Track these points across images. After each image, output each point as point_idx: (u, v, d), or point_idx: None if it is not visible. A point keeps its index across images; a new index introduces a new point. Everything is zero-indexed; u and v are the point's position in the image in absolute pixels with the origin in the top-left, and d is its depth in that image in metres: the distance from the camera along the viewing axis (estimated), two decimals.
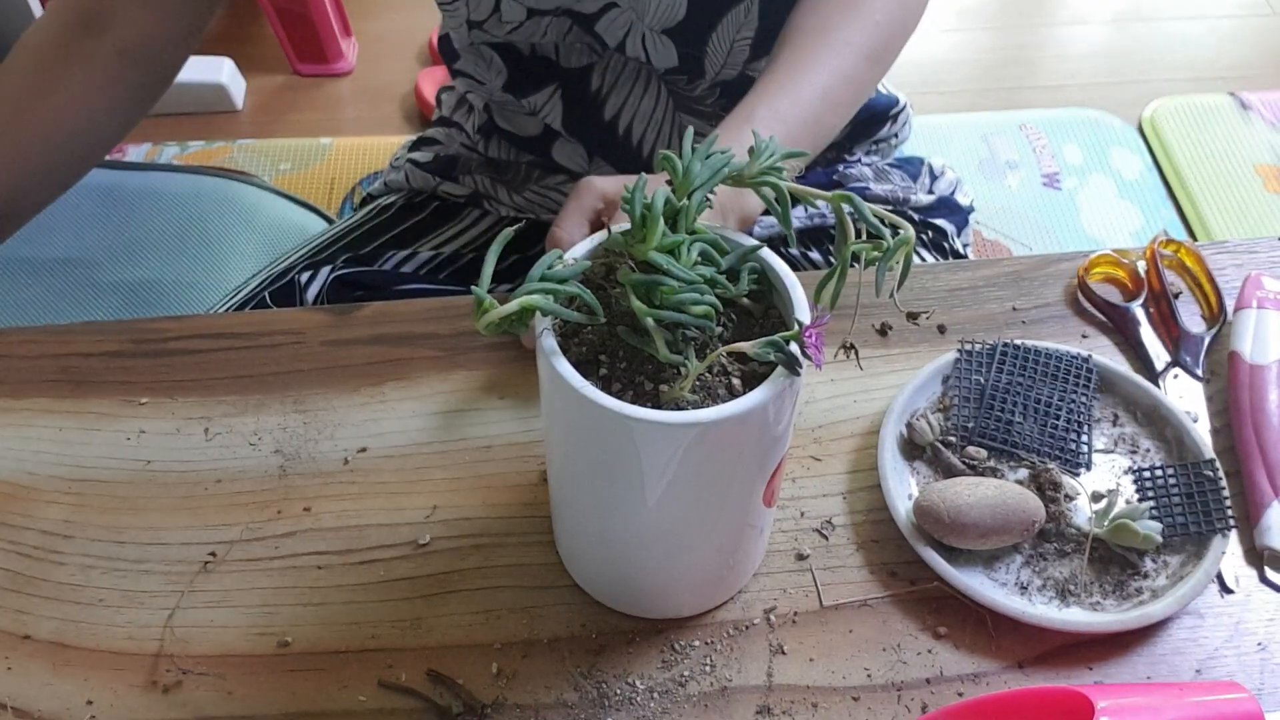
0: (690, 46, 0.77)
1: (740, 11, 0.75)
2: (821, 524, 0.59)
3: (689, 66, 0.78)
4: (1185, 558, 0.56)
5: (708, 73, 0.79)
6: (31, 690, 0.53)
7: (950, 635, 0.54)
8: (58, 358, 0.67)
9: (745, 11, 0.75)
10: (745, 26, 0.76)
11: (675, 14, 0.74)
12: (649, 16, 0.75)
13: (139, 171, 1.25)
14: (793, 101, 0.65)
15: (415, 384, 0.65)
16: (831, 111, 0.68)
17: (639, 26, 0.75)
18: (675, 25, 0.75)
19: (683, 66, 0.78)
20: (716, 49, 0.77)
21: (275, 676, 0.53)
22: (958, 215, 0.87)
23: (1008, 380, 0.62)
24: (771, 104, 0.65)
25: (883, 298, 0.66)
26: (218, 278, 1.11)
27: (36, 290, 1.10)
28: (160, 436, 0.63)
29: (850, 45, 0.68)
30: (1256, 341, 0.64)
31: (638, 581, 0.53)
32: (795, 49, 0.68)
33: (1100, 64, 2.04)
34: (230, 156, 1.80)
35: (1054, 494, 0.58)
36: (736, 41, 0.77)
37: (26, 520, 0.60)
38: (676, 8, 0.74)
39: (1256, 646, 0.54)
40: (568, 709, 0.52)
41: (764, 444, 0.46)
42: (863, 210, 0.44)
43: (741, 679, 0.53)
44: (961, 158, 1.81)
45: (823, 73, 0.67)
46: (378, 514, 0.59)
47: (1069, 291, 0.70)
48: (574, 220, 0.60)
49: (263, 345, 0.67)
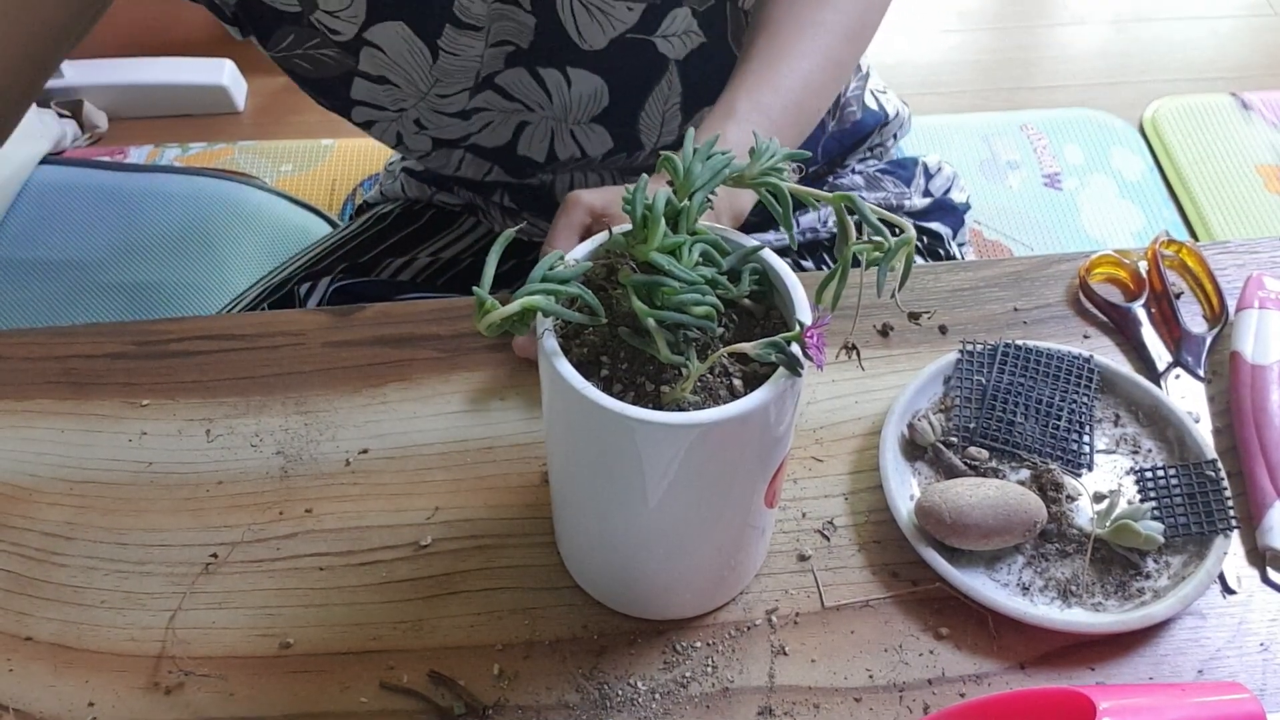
0: (623, 127, 0.76)
1: (664, 84, 0.75)
2: (823, 525, 0.59)
3: (626, 144, 0.78)
4: (1187, 558, 0.56)
5: (645, 145, 0.78)
6: (33, 692, 0.53)
7: (952, 636, 0.54)
8: (59, 359, 0.67)
9: (668, 83, 0.75)
10: (671, 95, 0.76)
11: (600, 103, 0.74)
12: (572, 115, 0.74)
13: (140, 173, 1.25)
14: (773, 91, 0.65)
15: (416, 385, 0.65)
16: (814, 97, 0.67)
17: (563, 128, 0.75)
18: (601, 112, 0.75)
19: (619, 146, 0.78)
20: (649, 123, 0.76)
21: (277, 678, 0.53)
22: (953, 217, 0.87)
23: (1009, 381, 0.62)
24: (751, 96, 0.64)
25: (884, 298, 0.66)
26: (219, 279, 1.11)
27: (38, 292, 1.10)
28: (162, 438, 0.63)
29: (825, 27, 0.67)
30: (1258, 342, 0.64)
31: (639, 582, 0.53)
32: (771, 36, 0.67)
33: (1101, 64, 2.03)
34: (232, 158, 1.80)
35: (1056, 494, 0.58)
36: (666, 110, 0.76)
37: (28, 522, 0.60)
38: (600, 98, 0.73)
39: (1259, 647, 0.54)
40: (569, 710, 0.52)
41: (765, 445, 0.46)
42: (863, 211, 0.44)
43: (743, 680, 0.53)
44: (962, 158, 1.81)
45: (801, 59, 0.66)
46: (379, 515, 0.59)
47: (1070, 292, 0.70)
48: (564, 236, 0.60)
49: (264, 347, 0.67)
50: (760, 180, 0.46)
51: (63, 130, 1.63)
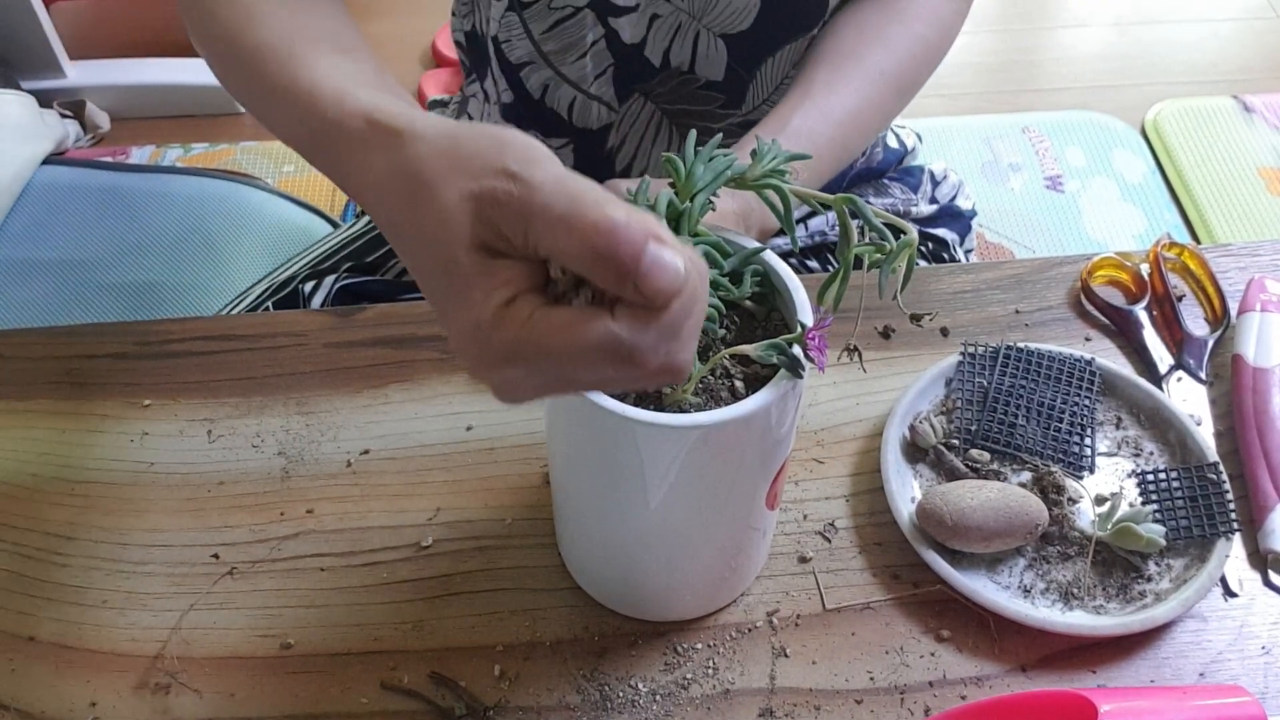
0: (743, 64, 0.74)
1: (802, 43, 0.74)
2: (824, 526, 0.59)
3: (729, 87, 0.76)
4: (1189, 561, 0.56)
5: (746, 102, 0.77)
6: (35, 692, 0.53)
7: (953, 638, 0.54)
8: (61, 359, 0.67)
9: (804, 46, 0.74)
10: (799, 64, 0.74)
11: (743, 19, 0.72)
12: (709, 15, 0.71)
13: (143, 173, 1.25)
14: (825, 120, 0.65)
15: (418, 386, 0.65)
16: (858, 135, 0.68)
17: (690, 27, 0.72)
18: (735, 34, 0.73)
19: (725, 83, 0.75)
20: (766, 76, 0.75)
21: (277, 678, 0.53)
22: (959, 223, 0.87)
23: (1011, 383, 0.62)
24: (808, 118, 0.65)
25: (886, 300, 0.66)
26: (221, 280, 1.11)
27: (40, 291, 1.10)
28: (163, 438, 0.63)
29: (882, 74, 0.68)
30: (1260, 344, 0.64)
31: (640, 584, 0.53)
32: (831, 69, 0.68)
33: (1103, 67, 2.03)
34: (234, 158, 1.80)
35: (1057, 497, 0.58)
36: (787, 78, 0.76)
37: (30, 522, 0.60)
38: (748, 13, 0.72)
39: (1260, 650, 0.54)
40: (570, 711, 0.52)
41: (766, 446, 0.46)
42: (865, 213, 0.44)
43: (744, 681, 0.53)
44: (964, 160, 1.81)
45: (854, 96, 0.67)
46: (380, 516, 0.59)
47: (1072, 294, 0.70)
48: None
49: (265, 347, 0.67)
50: (762, 182, 0.46)
51: (65, 130, 1.63)
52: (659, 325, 0.35)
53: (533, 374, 0.36)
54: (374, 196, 0.40)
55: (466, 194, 0.36)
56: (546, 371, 0.36)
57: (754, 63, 0.74)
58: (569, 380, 0.37)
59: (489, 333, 0.36)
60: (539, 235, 0.35)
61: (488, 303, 0.36)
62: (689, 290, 0.35)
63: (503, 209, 0.35)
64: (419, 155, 0.38)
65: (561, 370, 0.36)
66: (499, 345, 0.36)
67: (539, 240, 0.35)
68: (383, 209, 0.40)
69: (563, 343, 0.35)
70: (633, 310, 0.34)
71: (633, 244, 0.33)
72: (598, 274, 0.34)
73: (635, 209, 0.34)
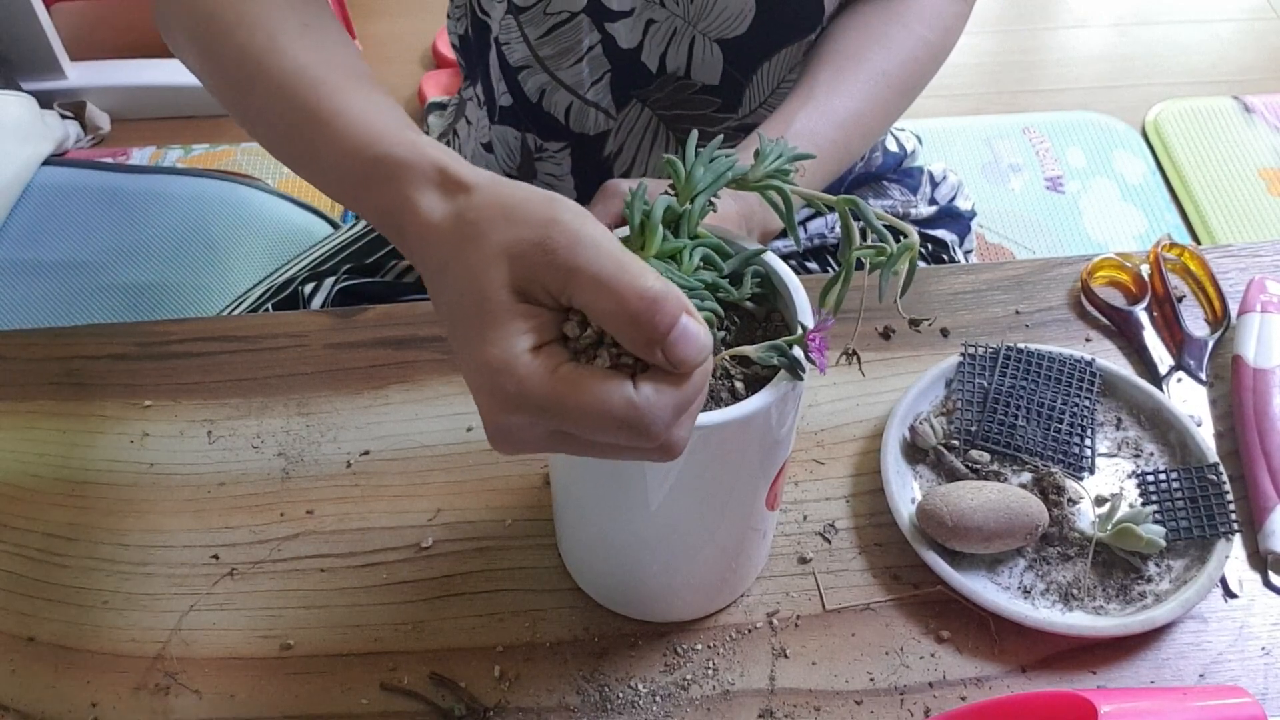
0: (739, 68, 0.74)
1: (797, 49, 0.74)
2: (824, 527, 0.59)
3: (725, 91, 0.76)
4: (1189, 562, 0.56)
5: (743, 105, 0.77)
6: (35, 692, 0.53)
7: (953, 639, 0.54)
8: (62, 360, 0.67)
9: (801, 50, 0.74)
10: (796, 68, 0.75)
11: (738, 24, 0.72)
12: (705, 20, 0.72)
13: (143, 174, 1.25)
14: (827, 121, 0.65)
15: (418, 387, 0.65)
16: (860, 137, 0.68)
17: (685, 32, 0.73)
18: (731, 38, 0.73)
19: (721, 88, 0.75)
20: (763, 80, 0.75)
21: (278, 679, 0.53)
22: (959, 224, 0.87)
23: (1011, 384, 0.62)
24: (810, 119, 0.65)
25: (886, 302, 0.66)
26: (221, 280, 1.11)
27: (40, 292, 1.10)
28: (164, 439, 0.63)
29: (884, 76, 0.69)
30: (1260, 345, 0.64)
31: (640, 585, 0.53)
32: (834, 71, 0.68)
33: (1103, 67, 2.03)
34: (234, 159, 1.80)
35: (1057, 498, 0.58)
36: (784, 81, 0.76)
37: (30, 523, 0.60)
38: (743, 18, 0.71)
39: (1260, 651, 0.54)
40: (570, 712, 0.52)
41: (767, 447, 0.46)
42: (867, 214, 0.44)
43: (744, 682, 0.53)
44: (964, 161, 1.81)
45: (856, 99, 0.67)
46: (380, 517, 0.59)
47: (1072, 295, 0.70)
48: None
49: (266, 348, 0.67)
50: (765, 183, 0.46)
51: (66, 131, 1.63)
52: (677, 397, 0.37)
53: (538, 424, 0.37)
54: (433, 236, 0.42)
55: (515, 239, 0.38)
56: (553, 425, 0.37)
57: (750, 67, 0.74)
58: (571, 439, 0.38)
59: (507, 374, 0.37)
60: (578, 289, 0.37)
61: (513, 343, 0.37)
62: (705, 369, 0.38)
63: (548, 257, 0.37)
64: (476, 205, 0.41)
65: (571, 427, 0.37)
66: (514, 390, 0.37)
67: (576, 294, 0.37)
68: (435, 249, 0.41)
69: (582, 402, 0.36)
70: (655, 377, 0.37)
71: (670, 314, 0.36)
72: (629, 335, 0.36)
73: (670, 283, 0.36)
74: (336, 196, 0.50)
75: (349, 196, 0.48)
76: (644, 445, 0.37)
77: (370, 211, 0.47)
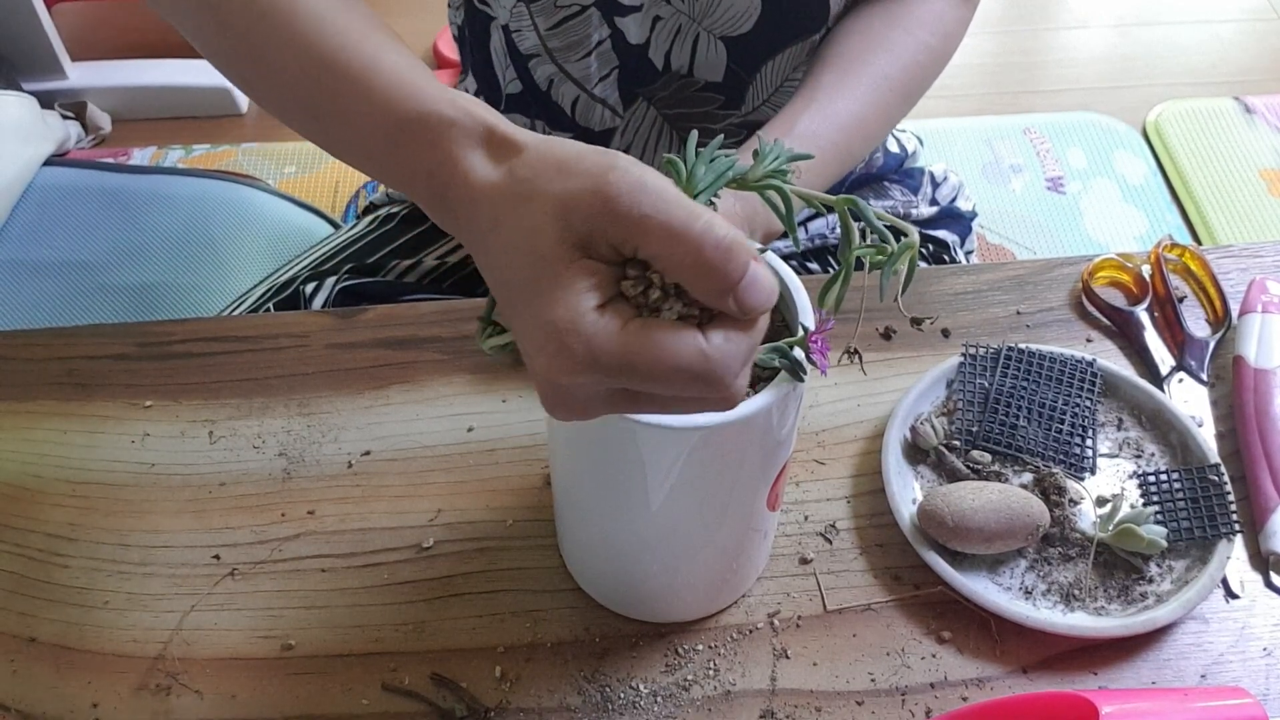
0: (743, 66, 0.74)
1: (802, 49, 0.74)
2: (825, 528, 0.59)
3: (729, 88, 0.76)
4: (1190, 562, 0.56)
5: (746, 103, 0.77)
6: (36, 693, 0.53)
7: (954, 640, 0.54)
8: (63, 360, 0.67)
9: (806, 49, 0.74)
10: (801, 67, 0.75)
11: (744, 22, 0.72)
12: (710, 17, 0.71)
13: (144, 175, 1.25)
14: (828, 123, 0.66)
15: (419, 387, 0.65)
16: (862, 140, 0.68)
17: (690, 30, 0.72)
18: (736, 36, 0.73)
19: (724, 84, 0.75)
20: (767, 78, 0.75)
21: (279, 680, 0.53)
22: (960, 224, 0.87)
23: (1012, 384, 0.62)
24: (813, 122, 0.65)
25: (886, 303, 0.66)
26: (222, 281, 1.11)
27: (41, 293, 1.10)
28: (165, 440, 0.63)
29: (887, 79, 0.69)
30: (1261, 346, 0.64)
31: (641, 585, 0.53)
32: (837, 74, 0.68)
33: (1104, 68, 2.03)
34: (235, 160, 1.80)
35: (1058, 498, 0.58)
36: (788, 80, 0.76)
37: (31, 523, 0.60)
38: (748, 16, 0.71)
39: (1262, 651, 0.54)
40: (571, 713, 0.52)
41: (767, 448, 0.46)
42: (866, 214, 0.44)
43: (745, 683, 0.53)
44: (965, 161, 1.81)
45: (858, 102, 0.67)
46: (381, 517, 0.59)
47: (1073, 295, 0.70)
48: None
49: (267, 348, 0.67)
50: (764, 183, 0.46)
51: (67, 132, 1.63)
52: (746, 344, 0.36)
53: (602, 384, 0.36)
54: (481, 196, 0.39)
55: (572, 190, 0.36)
56: (621, 383, 0.36)
57: (754, 65, 0.74)
58: (633, 397, 0.37)
59: (574, 334, 0.35)
60: (646, 239, 0.35)
61: (578, 300, 0.35)
62: (766, 316, 0.37)
63: (609, 205, 0.35)
64: (528, 162, 0.39)
65: (640, 384, 0.36)
66: (582, 350, 0.35)
67: (645, 244, 0.35)
68: (484, 209, 0.39)
69: (655, 356, 0.35)
70: (724, 325, 0.36)
71: (742, 261, 0.35)
72: (702, 285, 0.35)
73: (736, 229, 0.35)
74: (359, 160, 0.46)
75: (376, 159, 0.45)
76: (711, 395, 0.36)
77: (403, 174, 0.43)
